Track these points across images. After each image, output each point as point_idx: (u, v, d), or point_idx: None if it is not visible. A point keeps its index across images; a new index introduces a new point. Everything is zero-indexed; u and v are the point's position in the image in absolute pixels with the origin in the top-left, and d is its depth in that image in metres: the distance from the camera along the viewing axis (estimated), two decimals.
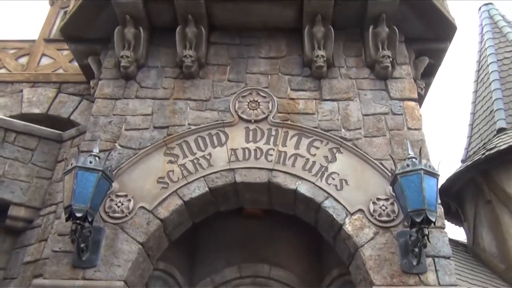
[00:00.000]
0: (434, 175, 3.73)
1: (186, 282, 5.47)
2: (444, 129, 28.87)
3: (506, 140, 7.76)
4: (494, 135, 8.49)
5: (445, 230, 4.12)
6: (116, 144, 4.85)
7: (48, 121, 6.97)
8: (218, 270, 5.57)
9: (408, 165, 3.77)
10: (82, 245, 3.98)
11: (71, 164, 3.99)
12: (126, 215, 4.30)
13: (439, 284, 3.81)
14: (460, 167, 8.63)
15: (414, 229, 3.70)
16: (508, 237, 7.20)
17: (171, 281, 5.28)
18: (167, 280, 5.25)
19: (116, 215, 4.30)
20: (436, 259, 3.94)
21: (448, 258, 3.95)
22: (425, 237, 3.59)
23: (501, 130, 8.40)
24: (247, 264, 5.56)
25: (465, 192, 8.68)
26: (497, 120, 8.69)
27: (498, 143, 7.78)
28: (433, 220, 3.57)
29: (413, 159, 3.80)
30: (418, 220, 3.57)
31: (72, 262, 4.08)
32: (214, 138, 4.82)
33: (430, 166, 3.75)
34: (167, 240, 4.66)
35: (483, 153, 7.77)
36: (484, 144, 8.60)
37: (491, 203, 7.67)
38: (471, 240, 8.39)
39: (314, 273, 5.53)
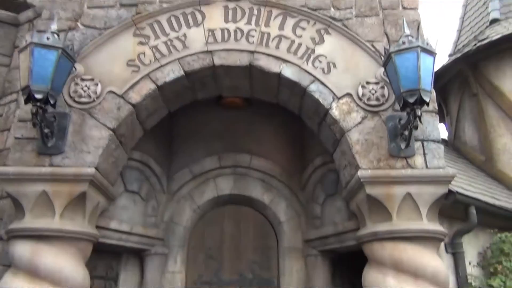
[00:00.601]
0: (431, 53, 3.46)
1: (163, 173, 5.33)
2: (432, 25, 28.27)
3: (499, 31, 7.48)
4: (487, 27, 8.18)
5: (436, 114, 3.95)
6: (78, 24, 4.37)
7: (2, 5, 6.27)
8: (197, 160, 5.43)
9: (404, 43, 3.47)
10: (46, 131, 3.69)
11: (26, 41, 3.55)
12: (94, 100, 3.97)
13: (427, 167, 3.72)
14: (448, 61, 8.41)
15: (405, 112, 3.50)
16: (491, 129, 7.23)
17: (147, 171, 5.12)
18: (144, 170, 5.08)
19: (83, 99, 3.96)
20: (425, 143, 3.82)
21: (438, 141, 3.83)
22: (417, 119, 3.41)
23: (494, 21, 8.09)
24: (227, 154, 5.42)
25: (450, 87, 8.58)
26: (491, 11, 8.35)
27: (491, 33, 7.50)
28: (427, 100, 3.36)
29: (410, 37, 3.49)
30: (411, 100, 3.36)
31: (37, 149, 3.83)
32: (189, 17, 4.36)
33: (427, 44, 3.46)
34: (141, 129, 4.41)
35: (475, 44, 7.52)
36: (475, 36, 8.31)
37: (477, 96, 7.61)
38: (452, 134, 8.46)
39: (297, 163, 5.44)
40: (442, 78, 8.30)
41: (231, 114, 5.50)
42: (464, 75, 7.84)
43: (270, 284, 5.15)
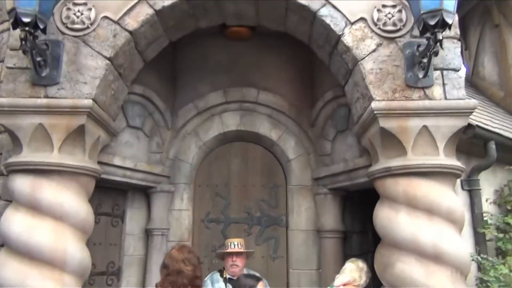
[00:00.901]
0: None
1: (167, 108, 5.16)
2: None
3: None
4: None
5: (458, 40, 3.63)
6: None
7: None
8: (201, 95, 5.22)
9: None
10: (38, 59, 3.48)
11: None
12: (88, 27, 3.71)
13: (446, 98, 3.47)
14: None
15: (424, 36, 3.20)
16: None
17: (150, 106, 4.95)
18: (146, 105, 4.91)
19: (76, 26, 3.71)
20: (444, 72, 3.54)
21: (458, 71, 3.54)
22: (438, 44, 3.11)
23: None
24: (233, 89, 5.19)
25: (469, 18, 8.05)
26: None
27: None
28: (450, 23, 3.05)
29: None
30: (431, 23, 3.05)
31: (30, 79, 3.63)
32: None
33: None
34: (141, 59, 4.18)
35: None
36: None
37: (499, 27, 7.13)
38: (470, 69, 8.06)
39: (306, 98, 5.21)
40: (461, 10, 7.76)
41: (237, 46, 5.22)
42: (486, 5, 7.33)
43: (278, 223, 5.09)
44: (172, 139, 5.24)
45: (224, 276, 4.19)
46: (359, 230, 5.36)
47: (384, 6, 3.67)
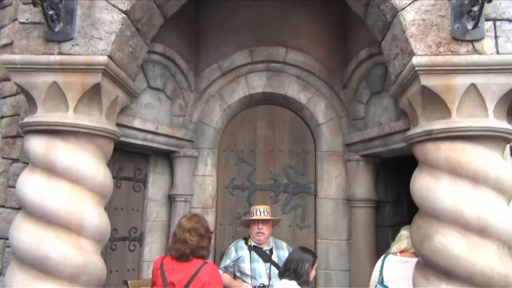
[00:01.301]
0: None
1: (190, 69, 4.93)
2: None
3: None
4: None
5: None
6: None
7: None
8: (226, 55, 4.95)
9: None
10: (50, 12, 3.27)
11: None
12: None
13: (498, 53, 3.08)
14: None
15: None
16: None
17: (172, 67, 4.72)
18: (167, 65, 4.69)
19: None
20: (497, 23, 3.13)
21: None
22: None
23: None
24: (259, 48, 4.89)
25: None
26: None
27: None
28: None
29: None
30: None
31: (44, 35, 3.45)
32: None
33: None
34: (160, 15, 3.92)
35: None
36: None
37: None
38: None
39: (338, 57, 4.86)
40: None
41: (264, 2, 4.87)
42: None
43: (306, 190, 4.86)
44: (196, 101, 5.02)
45: (249, 244, 4.05)
46: (392, 199, 5.08)
47: None
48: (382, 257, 3.59)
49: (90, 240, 3.46)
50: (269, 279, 3.90)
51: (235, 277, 4.05)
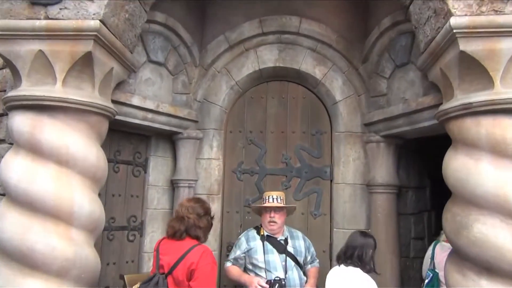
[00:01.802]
0: None
1: (195, 42, 4.53)
2: None
3: None
4: None
5: None
6: None
7: None
8: (234, 26, 4.54)
9: None
10: None
11: None
12: None
13: None
14: None
15: None
16: None
17: (174, 39, 4.34)
18: (170, 37, 4.30)
19: None
20: None
21: None
22: None
23: None
24: (271, 17, 4.47)
25: None
26: None
27: None
28: None
29: None
30: None
31: None
32: None
33: None
34: None
35: None
36: None
37: None
38: None
39: (358, 27, 4.45)
40: None
41: None
42: None
43: (321, 175, 4.49)
44: (200, 78, 4.64)
45: (262, 233, 3.72)
46: (415, 185, 4.71)
47: None
48: (432, 244, 3.69)
49: (82, 230, 3.14)
50: (285, 271, 3.57)
51: (246, 270, 3.73)
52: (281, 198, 3.69)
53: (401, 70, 3.99)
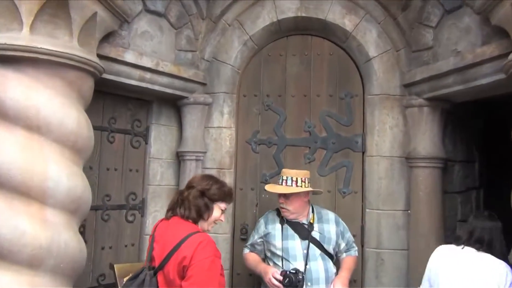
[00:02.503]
0: None
1: None
2: None
3: None
4: None
5: None
6: None
7: None
8: None
9: None
10: None
11: None
12: None
13: None
14: None
15: None
16: None
17: None
18: None
19: None
20: None
21: None
22: None
23: None
24: None
25: None
26: None
27: None
28: None
29: None
30: None
31: None
32: None
33: None
34: None
35: None
36: None
37: None
38: None
39: None
40: None
41: None
42: None
43: (351, 146, 3.86)
44: (208, 32, 4.01)
45: (282, 216, 3.17)
46: (462, 158, 4.06)
47: None
48: None
49: (60, 210, 2.62)
50: (306, 261, 3.00)
51: (266, 258, 3.21)
52: (299, 179, 3.08)
53: (451, 16, 3.28)
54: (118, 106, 3.81)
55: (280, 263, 3.04)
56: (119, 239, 3.81)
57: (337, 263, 3.21)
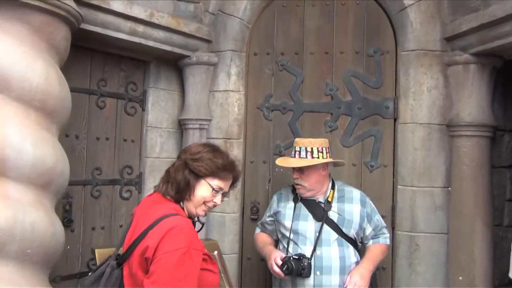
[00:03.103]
0: None
1: None
2: None
3: None
4: None
5: None
6: None
7: None
8: None
9: None
10: None
11: None
12: None
13: None
14: None
15: None
16: None
17: None
18: None
19: None
20: None
21: None
22: None
23: None
24: None
25: None
26: None
27: None
28: None
29: None
30: None
31: None
32: None
33: None
34: None
35: None
36: None
37: None
38: None
39: None
40: None
41: None
42: None
43: (381, 111, 3.33)
44: None
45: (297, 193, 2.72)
46: None
47: None
48: None
49: (25, 185, 2.18)
50: (315, 246, 2.54)
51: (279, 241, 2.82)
52: (315, 150, 2.58)
53: None
54: (109, 66, 3.35)
55: (290, 248, 2.62)
56: (112, 219, 3.40)
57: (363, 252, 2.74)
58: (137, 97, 3.52)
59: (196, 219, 1.95)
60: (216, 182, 1.86)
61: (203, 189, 1.84)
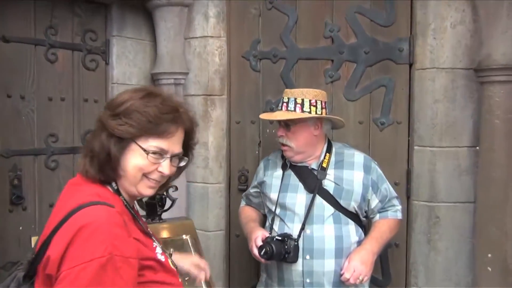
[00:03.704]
0: None
1: None
2: None
3: None
4: None
5: None
6: None
7: None
8: None
9: None
10: None
11: None
12: None
13: None
14: None
15: None
16: None
17: None
18: None
19: None
20: None
21: None
22: None
23: None
24: None
25: None
26: None
27: None
28: None
29: None
30: None
31: None
32: None
33: None
34: None
35: None
36: None
37: None
38: None
39: None
40: None
41: None
42: None
43: (393, 56, 2.82)
44: None
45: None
46: None
47: None
48: None
49: None
50: (304, 224, 2.11)
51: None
52: (305, 102, 2.09)
53: None
54: (59, 10, 2.78)
55: (276, 225, 2.18)
56: None
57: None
58: (98, 47, 2.97)
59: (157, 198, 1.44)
60: (152, 143, 1.28)
61: (135, 157, 1.27)
